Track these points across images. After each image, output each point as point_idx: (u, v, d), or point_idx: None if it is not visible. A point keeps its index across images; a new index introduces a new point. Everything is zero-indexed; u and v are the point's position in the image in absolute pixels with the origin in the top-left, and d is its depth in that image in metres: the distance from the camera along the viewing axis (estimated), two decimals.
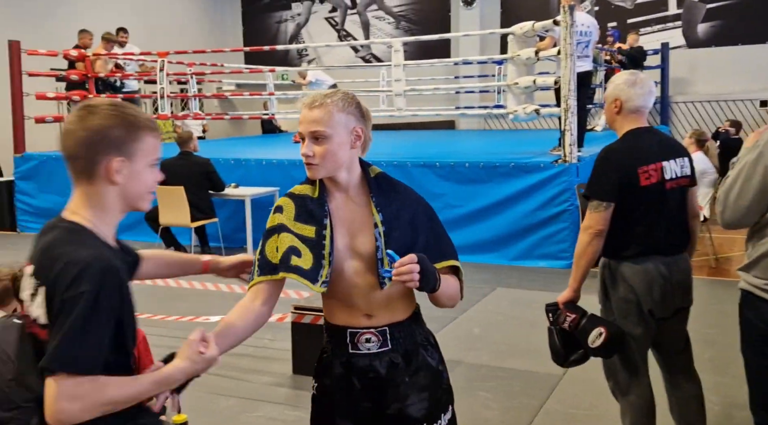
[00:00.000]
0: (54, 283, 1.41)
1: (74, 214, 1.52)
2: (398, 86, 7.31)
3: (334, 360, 1.92)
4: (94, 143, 1.49)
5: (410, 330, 1.92)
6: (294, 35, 15.69)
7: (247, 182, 7.79)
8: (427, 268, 1.70)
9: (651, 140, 2.69)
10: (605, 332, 2.60)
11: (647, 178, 2.60)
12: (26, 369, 1.52)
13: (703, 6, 11.38)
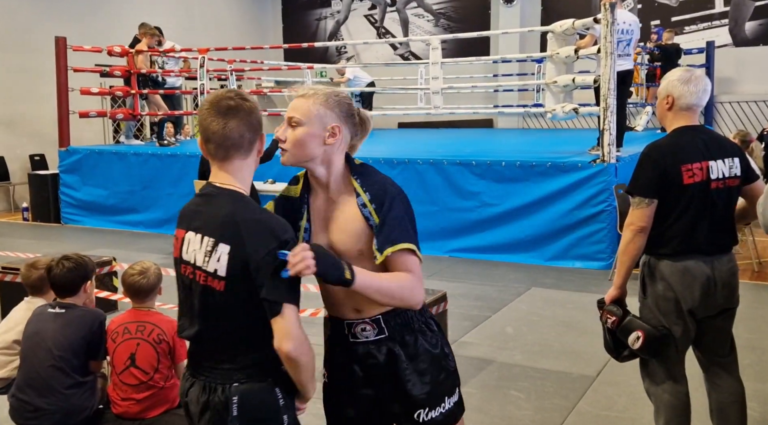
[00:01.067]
0: (245, 243, 1.70)
1: (231, 185, 1.81)
2: (435, 84, 7.29)
3: (335, 348, 2.00)
4: (258, 122, 1.82)
5: (405, 317, 1.93)
6: (333, 32, 15.76)
7: (284, 178, 7.86)
8: (325, 257, 1.71)
9: (698, 138, 2.65)
10: (642, 335, 2.60)
11: (691, 176, 2.58)
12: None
13: (752, 3, 11.06)
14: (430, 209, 7.04)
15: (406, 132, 12.82)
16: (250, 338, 1.78)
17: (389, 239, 1.83)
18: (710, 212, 2.62)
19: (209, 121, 1.77)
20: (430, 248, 7.04)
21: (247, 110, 1.79)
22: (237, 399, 1.74)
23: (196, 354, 1.85)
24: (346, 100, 1.91)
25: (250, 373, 1.78)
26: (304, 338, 1.72)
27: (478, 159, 6.80)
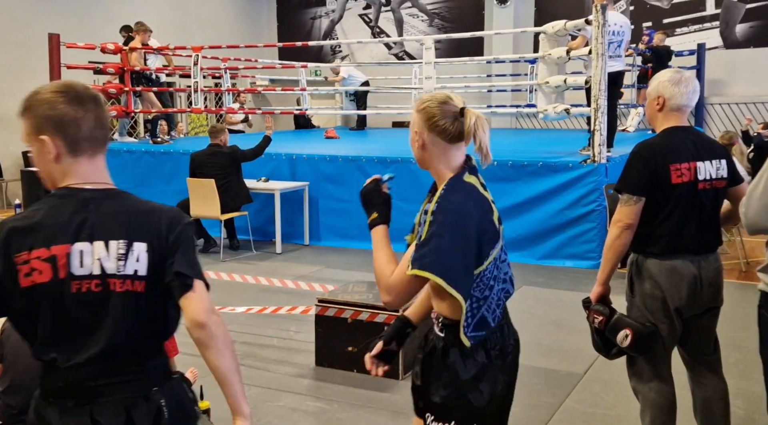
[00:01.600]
0: (160, 234, 1.67)
1: (105, 183, 1.75)
2: (429, 84, 7.32)
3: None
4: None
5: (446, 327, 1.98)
6: (328, 31, 15.78)
7: (277, 176, 7.89)
8: (370, 195, 2.10)
9: (688, 139, 2.70)
10: (631, 333, 2.63)
11: (679, 176, 2.62)
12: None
13: (743, 6, 11.14)
14: None
15: (399, 131, 12.84)
16: (160, 338, 1.74)
17: (416, 258, 1.87)
18: (698, 212, 2.65)
19: (69, 110, 1.62)
20: None
21: (102, 101, 1.71)
22: (164, 402, 1.68)
23: (91, 377, 1.62)
24: (431, 102, 1.92)
25: (162, 374, 1.74)
26: (218, 313, 1.69)
27: None
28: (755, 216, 2.11)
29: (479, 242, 1.86)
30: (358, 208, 8.28)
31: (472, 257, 1.85)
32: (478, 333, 1.93)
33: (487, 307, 1.94)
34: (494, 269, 1.93)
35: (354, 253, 7.22)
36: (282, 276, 6.17)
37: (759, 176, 2.12)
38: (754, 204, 2.11)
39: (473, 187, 1.94)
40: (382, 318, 3.99)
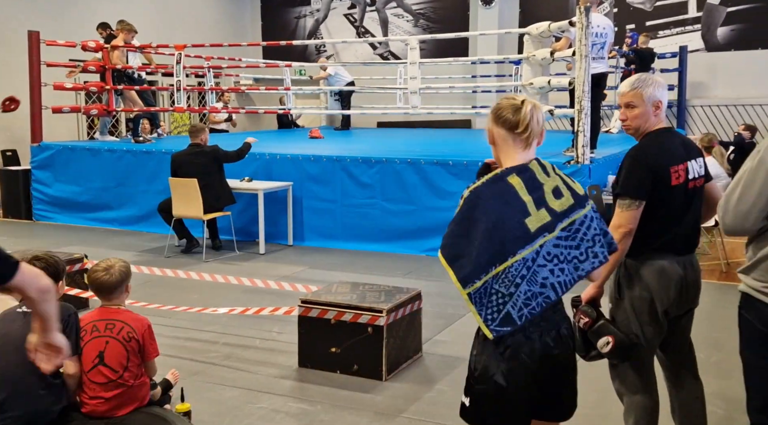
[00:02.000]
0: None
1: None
2: (413, 84, 7.31)
3: None
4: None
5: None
6: (312, 31, 15.73)
7: (260, 176, 7.84)
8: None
9: (675, 140, 2.73)
10: (612, 341, 2.64)
11: (677, 177, 2.63)
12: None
13: (724, 9, 11.25)
14: (407, 208, 7.07)
15: (384, 131, 12.85)
16: None
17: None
18: (687, 212, 2.68)
19: None
20: (407, 247, 7.07)
21: None
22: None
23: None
24: (500, 101, 2.12)
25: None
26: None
27: (455, 159, 6.84)
28: (732, 222, 2.13)
29: (500, 238, 1.96)
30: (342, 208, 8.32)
31: (484, 248, 1.94)
32: (503, 327, 1.99)
33: (512, 304, 1.98)
34: (523, 269, 1.98)
35: (338, 253, 7.20)
36: (265, 277, 6.11)
37: (736, 181, 2.13)
38: (731, 210, 2.11)
39: (510, 187, 2.02)
40: (366, 319, 3.97)
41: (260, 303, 5.29)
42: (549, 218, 2.03)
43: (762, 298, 2.11)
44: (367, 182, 7.31)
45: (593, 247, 2.08)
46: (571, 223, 2.06)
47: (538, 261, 2.00)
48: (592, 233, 2.08)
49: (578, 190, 2.14)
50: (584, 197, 2.12)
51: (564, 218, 2.05)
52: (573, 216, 2.07)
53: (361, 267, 6.60)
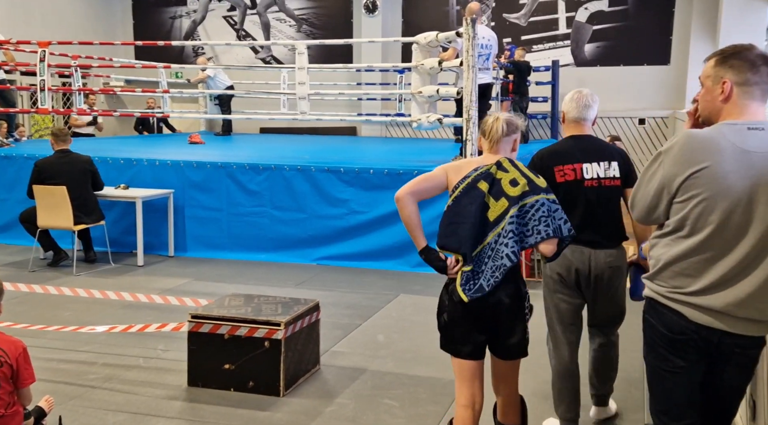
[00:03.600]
0: None
1: None
2: (302, 90, 7.17)
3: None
4: None
5: None
6: (189, 32, 15.13)
7: (138, 182, 7.38)
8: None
9: (576, 145, 3.14)
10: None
11: (562, 176, 3.08)
12: None
13: (590, 27, 12.01)
14: (297, 217, 6.91)
15: (269, 137, 12.57)
16: None
17: None
18: (587, 207, 3.09)
19: None
20: (298, 257, 6.91)
21: None
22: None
23: None
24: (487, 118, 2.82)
25: None
26: None
27: (347, 166, 6.77)
28: (638, 213, 2.27)
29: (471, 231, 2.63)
30: (228, 217, 7.97)
31: (444, 233, 2.74)
32: (476, 294, 2.64)
33: (484, 277, 2.63)
34: (489, 251, 2.62)
35: (224, 264, 6.90)
36: (147, 291, 5.74)
37: (639, 180, 2.25)
38: (637, 203, 2.26)
39: (474, 188, 2.65)
40: (263, 333, 3.79)
41: (142, 319, 4.94)
42: (507, 204, 2.60)
43: (666, 303, 2.18)
44: (254, 189, 7.07)
45: (538, 226, 2.62)
46: (523, 205, 2.61)
47: (500, 241, 2.60)
48: (539, 214, 2.61)
49: (539, 183, 2.66)
50: (540, 188, 2.65)
51: (519, 201, 2.60)
52: (526, 200, 2.62)
53: (251, 278, 6.36)
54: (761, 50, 2.08)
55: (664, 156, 2.13)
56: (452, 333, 2.79)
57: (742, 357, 2.18)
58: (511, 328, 2.72)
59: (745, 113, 2.07)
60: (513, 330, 2.73)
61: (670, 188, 2.10)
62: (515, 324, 2.72)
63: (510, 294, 2.67)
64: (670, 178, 2.09)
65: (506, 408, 2.87)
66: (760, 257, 2.03)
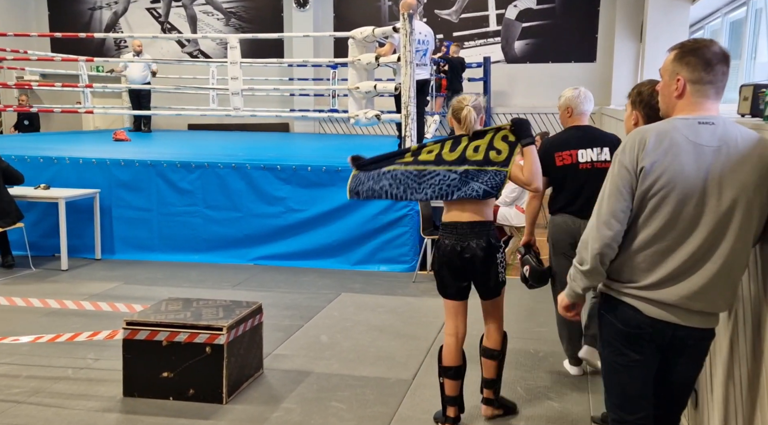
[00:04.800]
0: None
1: None
2: (235, 85, 6.96)
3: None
4: None
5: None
6: (111, 25, 14.52)
7: (60, 182, 6.99)
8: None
9: (575, 134, 3.81)
10: (528, 268, 3.85)
11: (561, 160, 3.76)
12: None
13: (519, 25, 12.22)
14: (232, 216, 6.71)
15: (199, 134, 12.19)
16: None
17: None
18: (581, 186, 3.72)
19: None
20: (234, 257, 6.71)
21: None
22: None
23: None
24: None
25: None
26: None
27: (283, 164, 6.61)
28: (606, 225, 2.19)
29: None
30: (159, 217, 7.66)
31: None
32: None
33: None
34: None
35: (156, 266, 6.62)
36: (74, 296, 5.43)
37: (600, 194, 2.21)
38: (603, 214, 2.18)
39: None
40: (204, 338, 3.63)
41: (70, 327, 4.67)
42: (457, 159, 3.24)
43: (623, 298, 2.19)
44: (186, 188, 6.82)
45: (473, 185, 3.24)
46: (466, 169, 3.23)
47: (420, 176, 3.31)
48: (483, 177, 3.22)
49: (494, 158, 3.20)
50: (489, 162, 3.20)
51: (466, 164, 3.22)
52: (469, 166, 3.22)
53: (185, 281, 6.13)
54: (720, 48, 2.07)
55: (621, 154, 2.13)
56: (440, 279, 3.37)
57: (695, 349, 2.21)
58: (485, 274, 3.30)
59: (697, 110, 2.09)
60: (488, 276, 3.30)
61: (630, 183, 2.10)
62: (489, 271, 3.29)
63: (483, 248, 3.26)
64: (631, 172, 2.09)
65: (489, 335, 3.49)
66: (712, 249, 2.05)
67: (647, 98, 2.66)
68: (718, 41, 2.17)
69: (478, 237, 3.25)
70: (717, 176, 2.02)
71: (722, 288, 2.09)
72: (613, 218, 2.13)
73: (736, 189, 2.01)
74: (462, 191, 3.21)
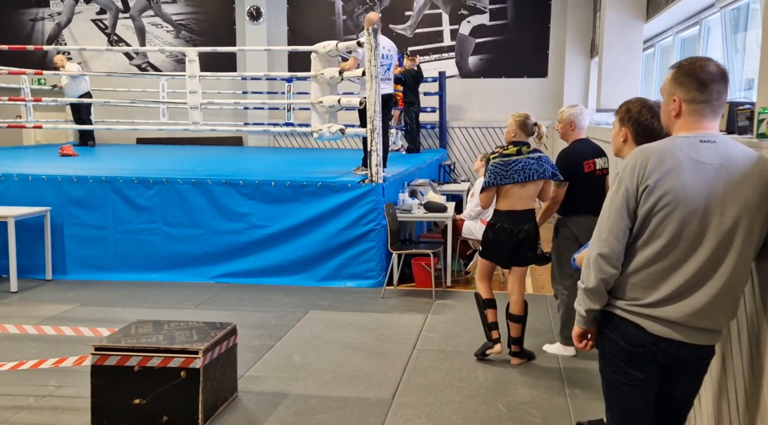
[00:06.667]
0: None
1: None
2: (194, 99, 6.80)
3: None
4: None
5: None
6: (53, 36, 14.03)
7: (7, 200, 6.67)
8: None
9: (588, 146, 4.51)
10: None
11: (588, 167, 4.41)
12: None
13: (473, 40, 12.38)
14: (193, 233, 6.53)
15: (149, 148, 11.86)
16: None
17: None
18: (596, 189, 4.36)
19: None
20: (194, 275, 6.52)
21: None
22: None
23: None
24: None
25: None
26: None
27: (246, 179, 6.48)
28: (606, 243, 2.25)
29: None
30: (115, 235, 7.40)
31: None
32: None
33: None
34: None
35: (112, 286, 6.37)
36: (27, 320, 5.18)
37: (601, 214, 2.27)
38: (602, 233, 2.29)
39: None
40: (178, 362, 3.49)
41: (27, 353, 4.43)
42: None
43: (624, 315, 2.19)
44: (144, 204, 6.60)
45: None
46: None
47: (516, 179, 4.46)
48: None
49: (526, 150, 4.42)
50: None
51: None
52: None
53: (144, 301, 5.91)
54: (716, 67, 2.09)
55: (623, 174, 2.14)
56: (487, 247, 4.49)
57: (696, 367, 2.23)
58: (528, 248, 4.41)
59: (695, 128, 2.12)
60: (530, 249, 4.41)
61: (631, 203, 2.12)
62: (531, 245, 4.41)
63: (531, 228, 4.39)
64: (632, 192, 2.10)
65: (514, 304, 4.48)
66: (715, 267, 2.08)
67: (636, 115, 2.68)
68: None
69: (529, 220, 4.40)
70: (720, 194, 2.04)
71: (725, 305, 2.11)
72: (613, 237, 2.14)
73: (738, 207, 2.04)
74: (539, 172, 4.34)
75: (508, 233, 4.34)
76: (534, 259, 4.47)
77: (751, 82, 5.28)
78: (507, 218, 4.36)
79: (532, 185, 4.35)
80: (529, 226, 4.36)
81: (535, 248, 4.42)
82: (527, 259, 4.44)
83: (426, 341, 4.94)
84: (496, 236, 4.39)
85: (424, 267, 6.22)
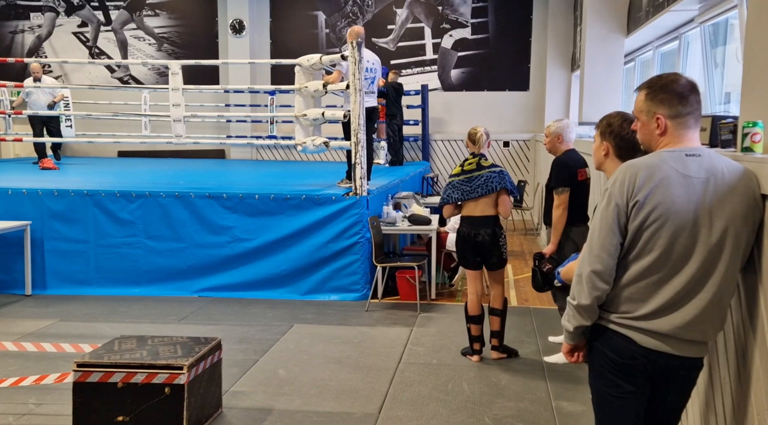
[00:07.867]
0: None
1: None
2: (177, 112, 6.76)
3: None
4: None
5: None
6: (33, 49, 13.91)
7: None
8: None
9: (578, 156, 4.72)
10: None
11: (581, 175, 4.63)
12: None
13: (455, 54, 12.46)
14: (176, 246, 6.47)
15: (131, 162, 11.76)
16: None
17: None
18: (586, 194, 4.68)
19: None
20: (177, 289, 6.46)
21: None
22: None
23: None
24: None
25: None
26: None
27: (230, 192, 6.44)
28: (599, 261, 2.23)
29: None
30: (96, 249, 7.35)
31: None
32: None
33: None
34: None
35: (93, 301, 6.29)
36: (6, 336, 5.09)
37: (591, 230, 2.26)
38: (594, 250, 2.29)
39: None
40: (162, 378, 3.44)
41: (6, 370, 4.34)
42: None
43: (615, 328, 2.19)
44: (126, 218, 6.54)
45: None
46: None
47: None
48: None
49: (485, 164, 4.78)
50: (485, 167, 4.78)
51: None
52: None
53: (126, 316, 5.84)
54: (687, 80, 2.14)
55: (612, 189, 2.15)
56: (462, 255, 4.82)
57: (685, 379, 2.23)
58: (491, 253, 4.71)
59: (681, 141, 2.14)
60: (492, 254, 4.71)
61: (621, 218, 2.12)
62: (493, 251, 4.70)
63: (489, 234, 4.69)
64: (622, 207, 2.11)
65: (494, 299, 4.81)
66: (704, 279, 2.09)
67: (617, 129, 2.70)
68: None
69: (486, 226, 4.69)
70: (707, 207, 2.06)
71: (713, 317, 2.12)
72: (605, 253, 2.15)
73: (725, 220, 2.06)
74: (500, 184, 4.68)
75: (466, 236, 4.73)
76: (500, 263, 4.74)
77: (729, 96, 5.37)
78: (466, 223, 4.76)
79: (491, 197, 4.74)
80: (485, 231, 4.68)
81: (499, 253, 4.70)
82: (492, 264, 4.75)
83: (412, 354, 4.92)
84: (459, 240, 4.80)
85: (408, 280, 6.21)
